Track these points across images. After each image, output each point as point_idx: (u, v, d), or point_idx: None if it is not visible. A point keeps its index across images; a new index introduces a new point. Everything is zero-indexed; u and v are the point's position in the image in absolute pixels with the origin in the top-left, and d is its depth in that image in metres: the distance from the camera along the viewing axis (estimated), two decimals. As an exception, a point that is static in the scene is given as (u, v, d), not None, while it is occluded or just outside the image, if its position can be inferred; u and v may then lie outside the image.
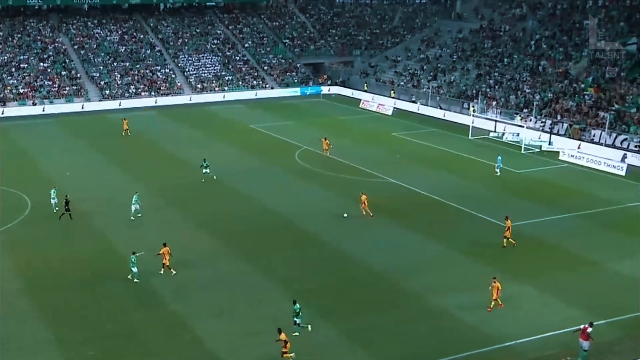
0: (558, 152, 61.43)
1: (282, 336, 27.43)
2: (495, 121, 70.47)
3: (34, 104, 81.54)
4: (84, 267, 36.27)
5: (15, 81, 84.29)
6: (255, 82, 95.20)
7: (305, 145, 62.75)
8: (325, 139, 59.62)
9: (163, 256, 35.45)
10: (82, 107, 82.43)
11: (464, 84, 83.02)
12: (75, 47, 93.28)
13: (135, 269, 34.75)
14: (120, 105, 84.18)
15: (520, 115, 70.34)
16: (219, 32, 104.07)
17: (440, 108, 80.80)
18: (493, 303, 31.74)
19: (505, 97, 76.06)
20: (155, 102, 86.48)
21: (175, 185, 51.52)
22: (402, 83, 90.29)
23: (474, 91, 79.48)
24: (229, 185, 51.51)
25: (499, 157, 55.33)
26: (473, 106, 75.34)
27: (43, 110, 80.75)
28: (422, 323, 31.05)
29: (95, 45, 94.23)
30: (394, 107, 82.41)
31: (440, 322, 31.15)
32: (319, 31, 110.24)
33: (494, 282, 31.78)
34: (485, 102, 75.44)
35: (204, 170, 51.96)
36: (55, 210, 44.29)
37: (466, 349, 28.69)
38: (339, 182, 52.44)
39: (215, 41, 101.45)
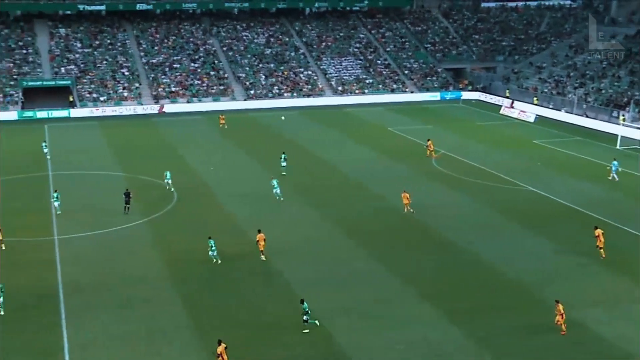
0: None
1: (219, 349, 26.31)
2: (647, 131, 66.82)
3: (188, 102, 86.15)
4: (221, 257, 37.63)
5: (168, 80, 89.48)
6: (395, 85, 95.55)
7: (442, 150, 62.29)
8: (429, 140, 61.52)
9: (258, 243, 37.36)
10: (229, 106, 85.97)
11: (615, 91, 79.19)
12: (224, 48, 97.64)
13: (215, 253, 36.96)
14: (264, 105, 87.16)
15: (676, 126, 66.35)
16: (361, 36, 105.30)
17: (586, 116, 77.58)
18: (560, 325, 29.97)
19: (660, 107, 71.97)
20: (298, 103, 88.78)
21: (312, 183, 52.96)
22: (545, 90, 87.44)
23: (625, 99, 75.64)
24: (365, 186, 52.22)
25: (615, 162, 53.72)
26: (623, 115, 71.81)
27: (193, 108, 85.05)
28: (556, 334, 30.06)
29: (242, 47, 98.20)
30: (536, 115, 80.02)
31: (575, 334, 29.99)
32: (461, 36, 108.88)
33: (557, 305, 29.98)
34: (637, 110, 71.62)
35: (282, 164, 54.22)
36: (167, 189, 49.75)
37: (603, 365, 27.77)
38: (476, 188, 51.78)
39: (357, 45, 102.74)
